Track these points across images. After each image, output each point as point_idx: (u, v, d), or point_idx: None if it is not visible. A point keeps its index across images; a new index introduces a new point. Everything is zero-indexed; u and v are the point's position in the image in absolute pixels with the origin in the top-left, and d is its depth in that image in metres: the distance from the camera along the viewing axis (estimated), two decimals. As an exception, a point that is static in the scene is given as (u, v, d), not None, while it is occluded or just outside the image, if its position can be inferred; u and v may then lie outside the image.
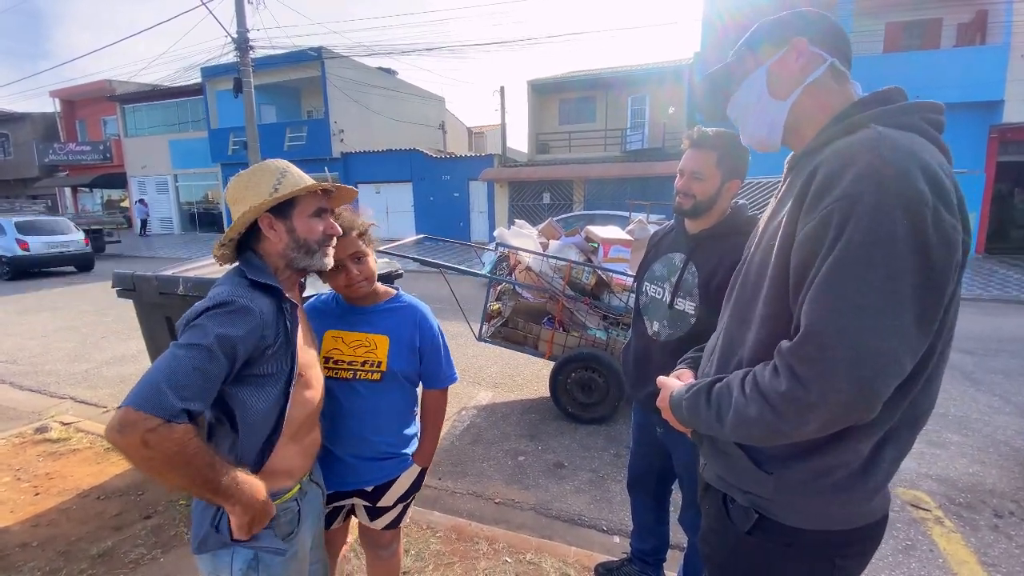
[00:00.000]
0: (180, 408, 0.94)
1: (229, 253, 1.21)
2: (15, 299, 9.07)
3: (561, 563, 2.28)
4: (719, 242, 1.64)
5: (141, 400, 0.92)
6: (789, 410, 0.78)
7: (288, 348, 1.15)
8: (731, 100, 1.07)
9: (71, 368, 5.28)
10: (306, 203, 1.19)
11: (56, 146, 24.24)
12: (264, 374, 1.12)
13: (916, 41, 13.55)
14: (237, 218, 1.15)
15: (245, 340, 1.05)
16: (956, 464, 3.32)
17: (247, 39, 12.03)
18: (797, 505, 0.91)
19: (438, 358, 1.59)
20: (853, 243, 0.73)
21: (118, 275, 2.90)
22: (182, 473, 0.96)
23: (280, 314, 1.15)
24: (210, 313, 1.03)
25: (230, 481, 1.02)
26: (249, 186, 1.16)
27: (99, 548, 2.36)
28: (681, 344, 1.63)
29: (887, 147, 0.76)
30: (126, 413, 0.91)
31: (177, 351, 0.99)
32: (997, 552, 2.50)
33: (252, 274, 1.13)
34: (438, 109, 25.58)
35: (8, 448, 3.39)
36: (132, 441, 0.91)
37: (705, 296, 1.61)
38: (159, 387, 0.93)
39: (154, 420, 0.91)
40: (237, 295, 1.07)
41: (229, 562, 1.13)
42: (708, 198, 1.62)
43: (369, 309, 1.53)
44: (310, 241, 1.19)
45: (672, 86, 16.70)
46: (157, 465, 0.94)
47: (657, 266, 1.82)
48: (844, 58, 0.96)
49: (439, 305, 7.69)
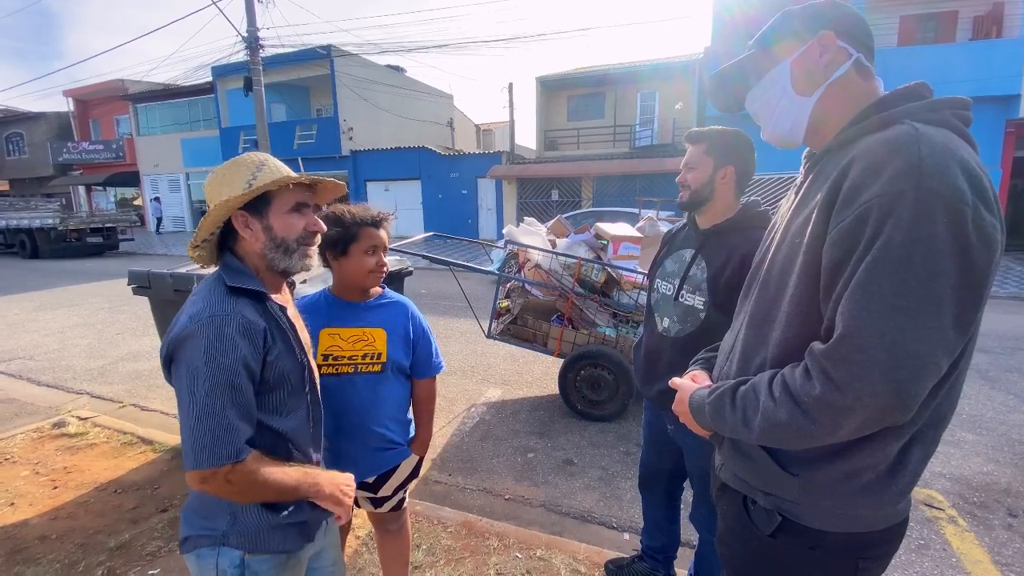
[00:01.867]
0: (238, 447, 0.99)
1: (206, 254, 1.14)
2: (33, 296, 9.21)
3: (571, 559, 2.29)
4: (728, 237, 1.64)
5: (202, 459, 0.97)
6: (823, 414, 0.76)
7: (289, 349, 1.12)
8: (750, 94, 1.03)
9: (87, 364, 5.36)
10: (284, 198, 1.09)
11: (70, 145, 24.61)
12: (273, 384, 1.09)
13: (931, 34, 13.33)
14: (207, 215, 1.07)
15: (249, 354, 1.03)
16: (970, 463, 3.29)
17: (257, 38, 12.11)
18: (823, 507, 0.89)
19: (429, 348, 1.68)
20: (893, 242, 0.71)
21: (133, 273, 2.95)
22: (267, 491, 1.04)
23: (269, 317, 1.09)
24: (204, 344, 0.98)
25: (304, 476, 1.10)
26: (224, 181, 1.07)
27: (116, 541, 2.40)
28: (691, 340, 1.64)
29: (926, 144, 0.74)
30: (198, 475, 0.97)
31: (206, 400, 0.97)
32: (1011, 551, 2.47)
33: (231, 279, 1.06)
34: (446, 106, 25.59)
35: (27, 442, 3.46)
36: (217, 487, 0.99)
37: (714, 290, 1.61)
38: (211, 440, 0.97)
39: (224, 468, 0.97)
40: (215, 312, 1.00)
41: (214, 563, 1.09)
42: (702, 185, 1.65)
43: (361, 305, 1.59)
44: (288, 240, 1.10)
45: (682, 81, 16.58)
46: (246, 492, 1.03)
47: (668, 262, 1.83)
48: (869, 52, 0.93)
49: (448, 302, 7.78)
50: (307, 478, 1.11)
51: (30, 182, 26.41)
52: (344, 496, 1.18)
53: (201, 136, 22.19)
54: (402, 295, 1.70)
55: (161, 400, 4.33)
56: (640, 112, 18.12)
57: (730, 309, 1.57)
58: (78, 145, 24.58)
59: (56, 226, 15.28)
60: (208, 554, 1.10)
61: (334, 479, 1.18)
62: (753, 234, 1.57)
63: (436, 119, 24.19)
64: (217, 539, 1.09)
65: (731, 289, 1.54)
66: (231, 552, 1.09)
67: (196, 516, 1.12)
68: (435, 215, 18.29)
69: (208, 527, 1.10)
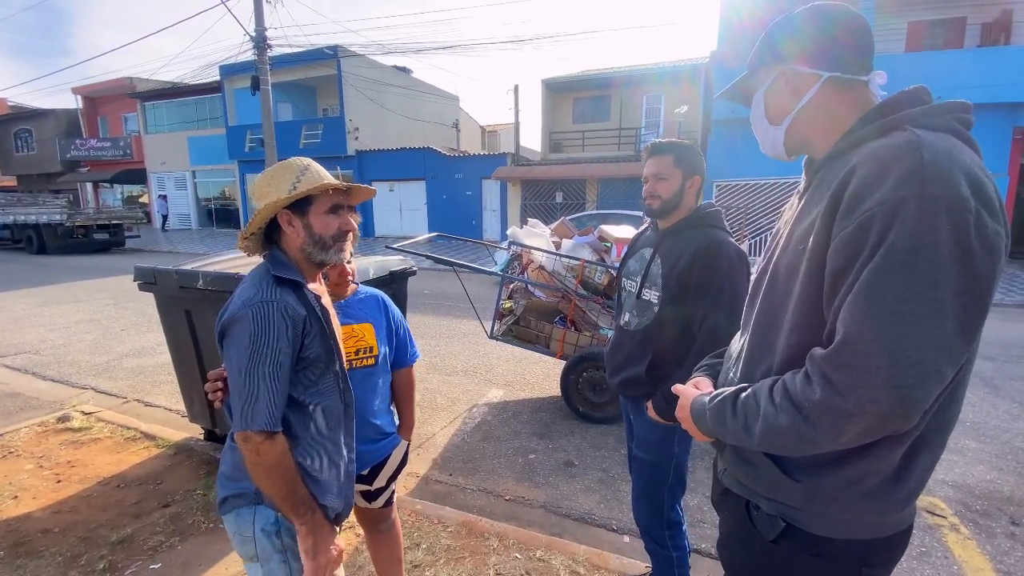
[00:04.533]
0: (273, 417, 1.11)
1: (252, 245, 1.27)
2: (39, 291, 9.27)
3: (571, 561, 2.29)
4: (683, 234, 1.73)
5: (242, 422, 1.10)
6: (824, 420, 0.75)
7: (323, 333, 1.24)
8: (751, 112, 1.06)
9: (92, 359, 5.40)
10: (322, 201, 1.23)
11: (78, 142, 24.74)
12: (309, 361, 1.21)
13: (939, 40, 13.26)
14: (256, 213, 1.21)
15: (289, 334, 1.15)
16: (973, 471, 3.27)
17: (265, 37, 12.17)
18: (828, 514, 0.88)
19: (407, 337, 1.79)
20: (896, 248, 0.71)
21: (139, 269, 2.97)
22: (281, 480, 1.13)
23: (307, 304, 1.21)
24: (253, 325, 1.12)
25: (307, 500, 1.18)
26: (271, 183, 1.22)
27: (119, 535, 2.42)
28: (647, 332, 1.75)
29: (928, 150, 0.74)
30: (241, 435, 1.11)
31: (249, 373, 1.11)
32: (1013, 560, 2.46)
33: (276, 269, 1.20)
34: (452, 107, 25.63)
35: (31, 436, 3.49)
36: (248, 452, 1.11)
37: (668, 285, 1.69)
38: (251, 406, 1.10)
39: (258, 436, 1.10)
40: (264, 298, 1.14)
41: (251, 520, 1.22)
42: (673, 195, 1.74)
43: (343, 303, 1.65)
44: (325, 237, 1.24)
45: (688, 85, 16.54)
46: (267, 469, 1.12)
47: (631, 262, 1.92)
48: (855, 60, 0.90)
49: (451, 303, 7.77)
50: (312, 503, 1.20)
51: (38, 178, 26.58)
52: (315, 549, 1.18)
53: (208, 135, 22.29)
54: (377, 289, 1.78)
55: (164, 396, 4.36)
56: (645, 115, 18.12)
57: (681, 302, 1.66)
58: (86, 142, 24.72)
59: (63, 222, 15.38)
60: (247, 512, 1.23)
61: (332, 532, 1.24)
62: (706, 231, 1.69)
63: (442, 120, 24.23)
64: (251, 497, 1.21)
65: (683, 281, 1.65)
66: (267, 511, 1.22)
67: (228, 479, 1.25)
68: (439, 216, 18.31)
69: (242, 486, 1.21)
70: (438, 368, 5.15)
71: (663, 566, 1.89)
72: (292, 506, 1.15)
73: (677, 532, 1.87)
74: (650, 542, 1.90)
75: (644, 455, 1.84)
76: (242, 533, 1.24)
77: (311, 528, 1.17)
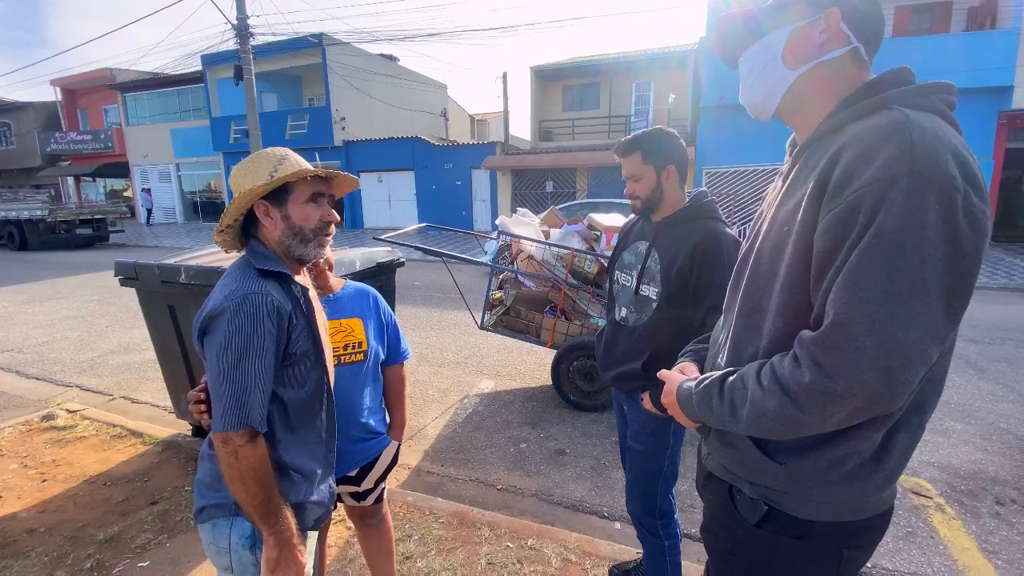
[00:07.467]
0: (256, 417, 1.08)
1: (230, 239, 1.23)
2: (21, 288, 9.11)
3: (562, 548, 2.30)
4: (679, 228, 1.70)
5: (222, 423, 1.06)
6: (812, 402, 0.75)
7: (309, 327, 1.20)
8: (746, 51, 0.99)
9: (76, 356, 5.32)
10: (301, 189, 1.18)
11: (58, 135, 24.18)
12: (295, 357, 1.17)
13: (925, 25, 13.31)
14: (232, 203, 1.16)
15: (274, 329, 1.11)
16: (958, 452, 3.32)
17: (247, 25, 11.92)
18: (810, 496, 0.89)
19: (398, 334, 1.75)
20: (885, 229, 0.70)
21: (120, 264, 2.91)
22: (257, 487, 1.08)
23: (293, 298, 1.18)
24: (236, 321, 1.07)
25: (279, 510, 1.11)
26: (248, 173, 1.17)
27: (106, 533, 2.39)
28: (644, 329, 1.73)
29: (916, 130, 0.73)
30: (220, 436, 1.06)
31: (232, 371, 1.06)
32: (998, 539, 2.50)
33: (258, 262, 1.15)
34: (440, 96, 25.37)
35: (15, 435, 3.43)
36: (226, 455, 1.07)
37: (667, 281, 1.67)
38: (233, 405, 1.06)
39: (238, 439, 1.06)
40: (247, 291, 1.10)
41: (228, 533, 1.17)
42: (651, 192, 1.71)
43: (331, 298, 1.60)
44: (305, 229, 1.19)
45: (677, 72, 16.49)
46: (243, 474, 1.07)
47: (626, 255, 1.88)
48: (871, 46, 0.90)
49: (441, 294, 7.75)
50: (284, 514, 1.12)
51: (18, 173, 26.02)
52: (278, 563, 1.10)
53: (191, 126, 21.89)
54: (366, 285, 1.74)
55: (151, 392, 4.30)
56: (635, 103, 18.04)
57: (681, 299, 1.63)
58: (66, 135, 24.17)
59: (45, 218, 15.12)
60: (223, 524, 1.17)
61: (298, 547, 1.13)
62: (702, 224, 1.66)
63: (430, 109, 23.98)
64: (230, 508, 1.15)
65: (683, 277, 1.62)
66: (244, 524, 1.16)
67: (207, 488, 1.18)
68: (429, 206, 18.19)
69: (221, 496, 1.16)
70: (429, 359, 5.14)
71: (655, 554, 1.90)
72: (263, 515, 1.09)
73: (669, 521, 1.88)
74: (642, 531, 1.91)
75: (639, 446, 1.83)
76: (217, 544, 1.18)
77: (279, 540, 1.10)
